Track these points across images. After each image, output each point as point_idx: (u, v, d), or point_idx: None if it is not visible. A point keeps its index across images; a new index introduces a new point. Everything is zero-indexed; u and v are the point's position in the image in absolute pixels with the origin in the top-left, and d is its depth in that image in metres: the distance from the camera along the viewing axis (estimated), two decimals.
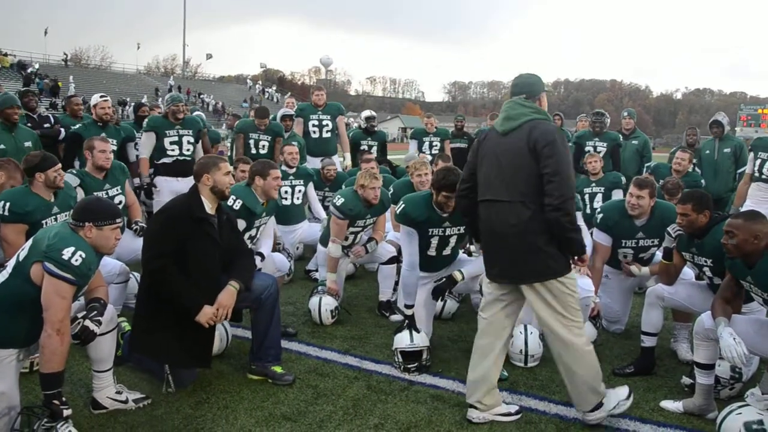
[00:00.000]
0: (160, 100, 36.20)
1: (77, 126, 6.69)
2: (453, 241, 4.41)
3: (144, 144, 6.68)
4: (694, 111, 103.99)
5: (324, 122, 8.15)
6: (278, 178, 4.54)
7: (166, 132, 6.64)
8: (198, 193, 3.75)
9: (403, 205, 4.31)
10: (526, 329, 4.35)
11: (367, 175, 5.11)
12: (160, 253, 3.55)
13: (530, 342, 4.30)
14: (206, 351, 3.78)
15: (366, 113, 9.00)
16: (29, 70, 43.88)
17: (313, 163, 7.77)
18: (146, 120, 6.86)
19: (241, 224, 4.43)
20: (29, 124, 6.47)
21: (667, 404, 3.70)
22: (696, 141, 8.02)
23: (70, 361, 3.79)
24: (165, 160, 6.69)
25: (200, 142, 6.98)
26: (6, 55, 47.20)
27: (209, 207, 3.75)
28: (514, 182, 3.23)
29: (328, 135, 8.21)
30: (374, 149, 8.61)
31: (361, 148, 8.49)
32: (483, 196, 3.39)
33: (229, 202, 4.37)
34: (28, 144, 5.86)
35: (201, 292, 3.61)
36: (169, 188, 6.54)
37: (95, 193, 4.69)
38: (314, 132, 8.16)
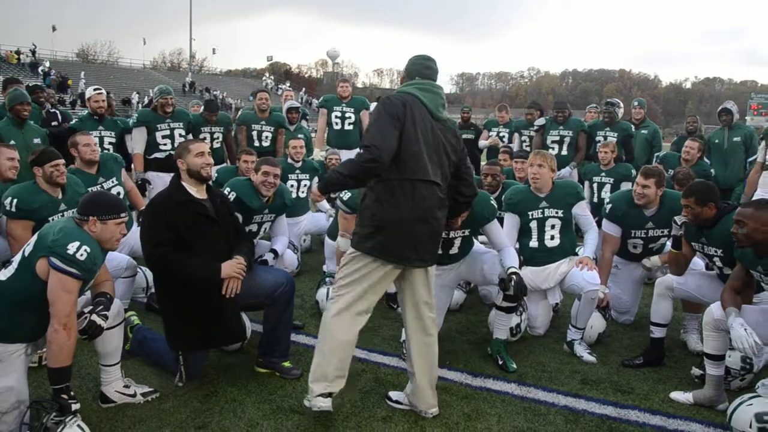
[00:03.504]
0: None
1: (73, 121, 6.64)
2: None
3: (136, 139, 6.64)
4: (704, 100, 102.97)
5: (347, 114, 8.08)
6: (268, 174, 4.42)
7: (157, 126, 6.62)
8: (178, 179, 3.76)
9: None
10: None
11: None
12: (157, 243, 3.54)
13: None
14: (239, 324, 3.84)
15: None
16: (40, 68, 44.16)
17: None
18: (136, 114, 6.83)
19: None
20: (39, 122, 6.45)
21: (677, 395, 3.68)
22: (696, 129, 7.93)
23: (79, 356, 3.82)
24: (157, 155, 6.67)
25: (190, 134, 6.93)
26: (19, 53, 47.60)
27: (194, 191, 3.73)
28: (443, 169, 3.30)
29: (350, 127, 8.13)
30: None
31: None
32: (415, 174, 3.15)
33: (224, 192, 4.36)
34: (37, 140, 5.83)
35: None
36: (163, 183, 6.49)
37: (91, 188, 4.67)
38: (336, 123, 8.10)
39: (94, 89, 6.61)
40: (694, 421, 3.42)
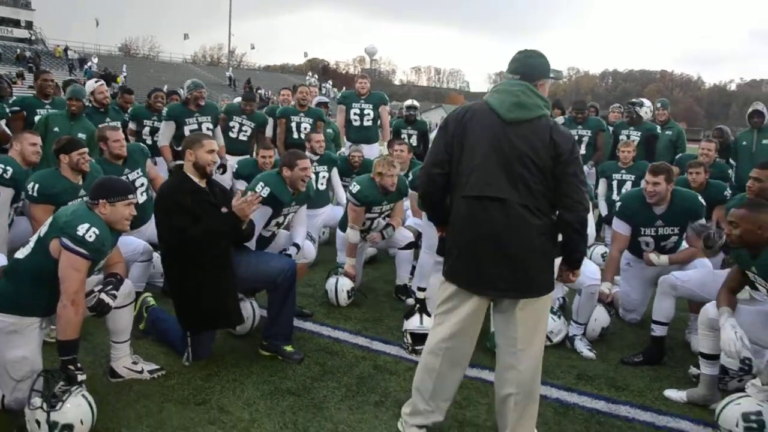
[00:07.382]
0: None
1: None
2: None
3: (163, 132, 6.83)
4: (749, 103, 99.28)
5: (365, 111, 8.20)
6: (306, 169, 4.46)
7: (186, 120, 6.78)
8: (182, 170, 3.88)
9: None
10: None
11: (384, 162, 5.11)
12: (178, 234, 3.68)
13: None
14: (238, 309, 4.00)
15: (408, 102, 9.07)
16: (88, 64, 45.64)
17: None
18: (165, 109, 7.03)
19: (267, 212, 4.46)
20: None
21: (671, 393, 3.70)
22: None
23: (94, 333, 4.03)
24: None
25: (218, 127, 7.12)
26: (67, 49, 49.51)
27: (197, 181, 3.84)
28: (524, 181, 2.72)
29: (369, 123, 8.25)
30: (414, 138, 8.63)
31: (402, 137, 8.49)
32: (475, 191, 2.77)
33: (258, 188, 4.41)
34: (81, 136, 5.86)
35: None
36: None
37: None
38: (355, 120, 8.22)
39: (96, 81, 6.89)
40: (684, 419, 3.44)
